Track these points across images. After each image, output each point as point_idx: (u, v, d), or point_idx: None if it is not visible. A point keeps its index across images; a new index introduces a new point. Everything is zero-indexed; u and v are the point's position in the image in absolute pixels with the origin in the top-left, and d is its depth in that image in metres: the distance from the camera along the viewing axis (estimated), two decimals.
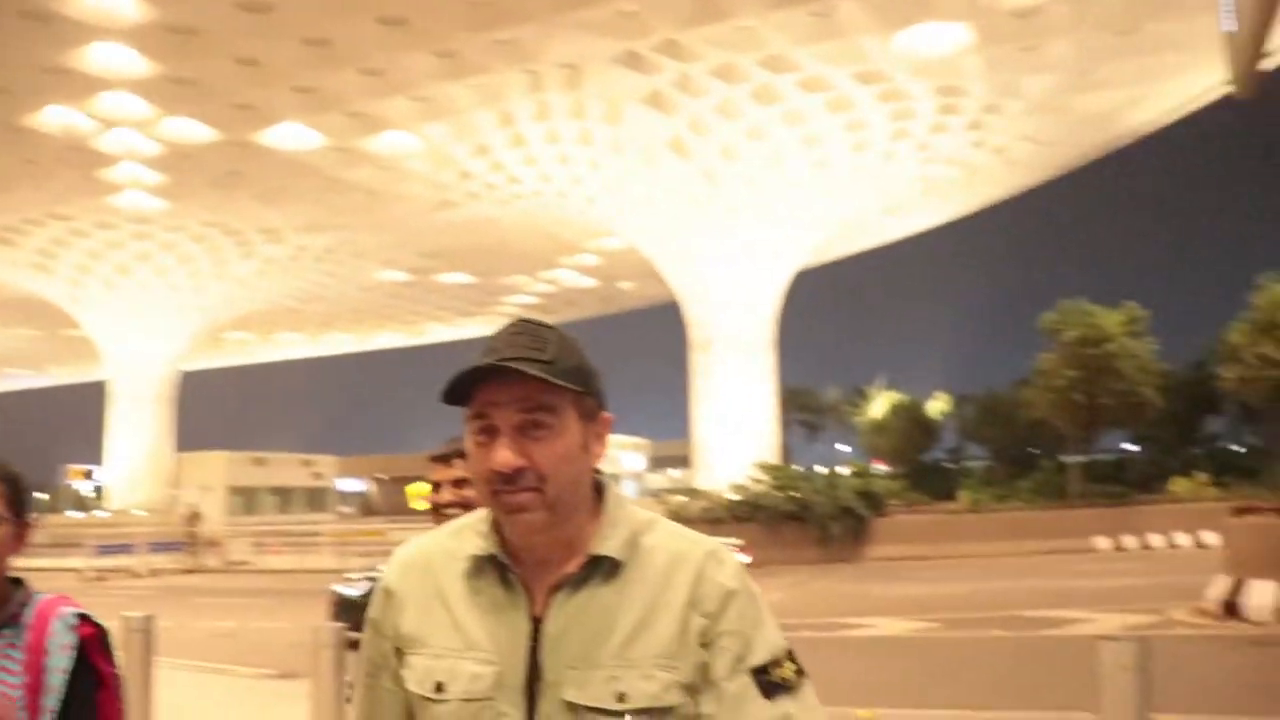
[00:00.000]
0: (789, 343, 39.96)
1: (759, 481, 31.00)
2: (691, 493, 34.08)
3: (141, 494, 46.22)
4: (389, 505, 56.89)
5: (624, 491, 1.68)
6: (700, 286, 37.42)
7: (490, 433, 1.44)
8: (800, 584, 21.81)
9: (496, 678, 1.43)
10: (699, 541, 1.52)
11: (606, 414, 1.54)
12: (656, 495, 50.28)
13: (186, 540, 33.11)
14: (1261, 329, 34.81)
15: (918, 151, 34.58)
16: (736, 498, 30.44)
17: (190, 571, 31.10)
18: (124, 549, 30.76)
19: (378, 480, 66.40)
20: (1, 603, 2.02)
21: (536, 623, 1.45)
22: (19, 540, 2.04)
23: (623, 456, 75.67)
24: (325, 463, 59.60)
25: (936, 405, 58.01)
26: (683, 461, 62.95)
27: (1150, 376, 35.62)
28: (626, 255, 43.96)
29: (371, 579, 4.08)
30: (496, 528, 1.50)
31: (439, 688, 1.45)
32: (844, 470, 34.93)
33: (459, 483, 2.81)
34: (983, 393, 52.77)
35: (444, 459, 2.90)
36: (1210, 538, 25.11)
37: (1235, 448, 52.14)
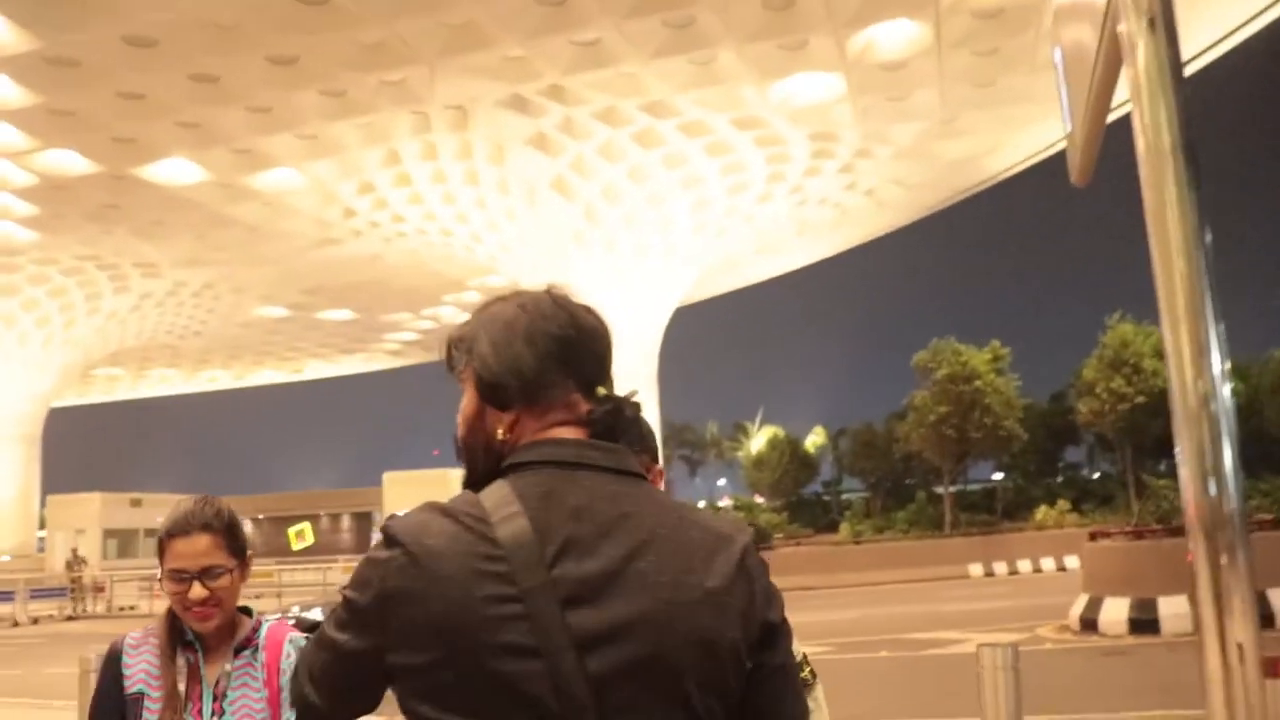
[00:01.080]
0: (670, 379, 40.72)
1: None
2: None
3: (6, 539, 44.28)
4: (268, 546, 55.68)
5: None
6: None
7: None
8: None
9: None
10: None
11: None
12: None
13: (70, 585, 31.62)
14: (1111, 365, 37.07)
15: (792, 194, 35.84)
16: None
17: (73, 618, 29.93)
18: (3, 596, 29.52)
19: (255, 521, 64.98)
20: (239, 629, 2.43)
21: None
22: (243, 578, 2.48)
23: None
24: None
25: (813, 439, 59.39)
26: None
27: (1014, 410, 37.52)
28: None
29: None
30: None
31: None
32: (726, 503, 35.69)
33: None
34: (859, 426, 54.24)
35: None
36: (1072, 561, 26.69)
37: (1093, 475, 54.86)
